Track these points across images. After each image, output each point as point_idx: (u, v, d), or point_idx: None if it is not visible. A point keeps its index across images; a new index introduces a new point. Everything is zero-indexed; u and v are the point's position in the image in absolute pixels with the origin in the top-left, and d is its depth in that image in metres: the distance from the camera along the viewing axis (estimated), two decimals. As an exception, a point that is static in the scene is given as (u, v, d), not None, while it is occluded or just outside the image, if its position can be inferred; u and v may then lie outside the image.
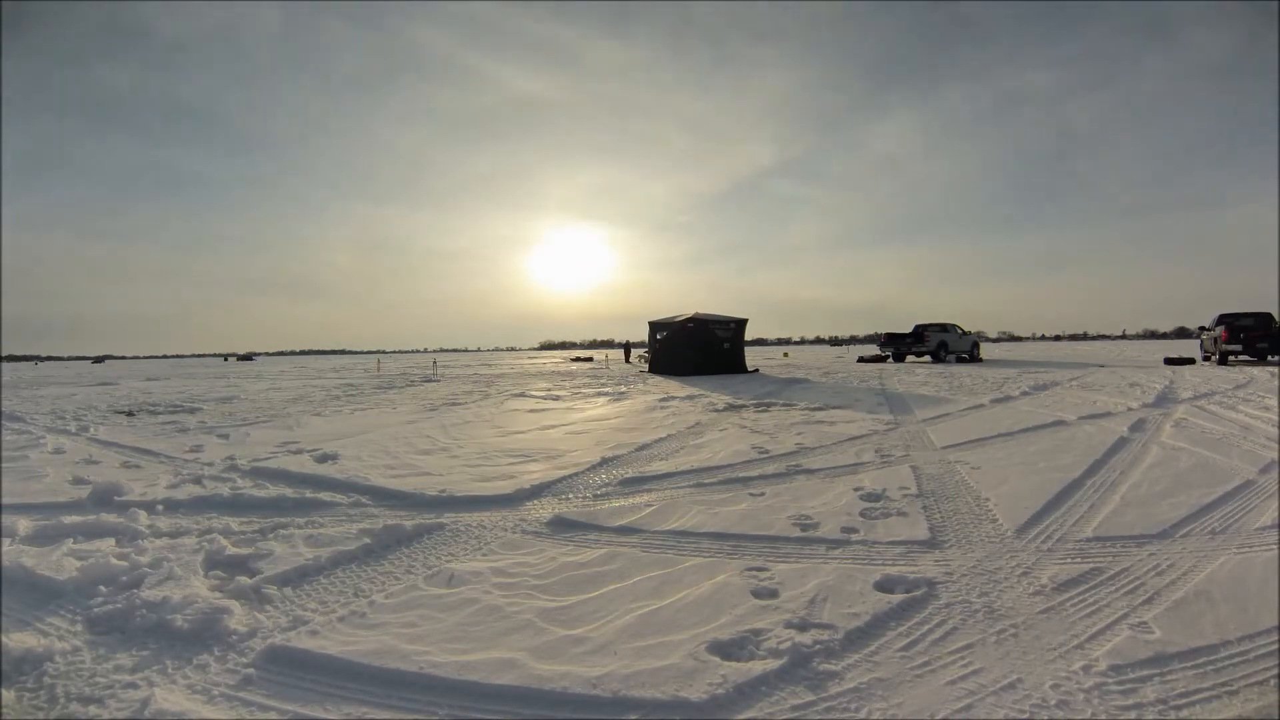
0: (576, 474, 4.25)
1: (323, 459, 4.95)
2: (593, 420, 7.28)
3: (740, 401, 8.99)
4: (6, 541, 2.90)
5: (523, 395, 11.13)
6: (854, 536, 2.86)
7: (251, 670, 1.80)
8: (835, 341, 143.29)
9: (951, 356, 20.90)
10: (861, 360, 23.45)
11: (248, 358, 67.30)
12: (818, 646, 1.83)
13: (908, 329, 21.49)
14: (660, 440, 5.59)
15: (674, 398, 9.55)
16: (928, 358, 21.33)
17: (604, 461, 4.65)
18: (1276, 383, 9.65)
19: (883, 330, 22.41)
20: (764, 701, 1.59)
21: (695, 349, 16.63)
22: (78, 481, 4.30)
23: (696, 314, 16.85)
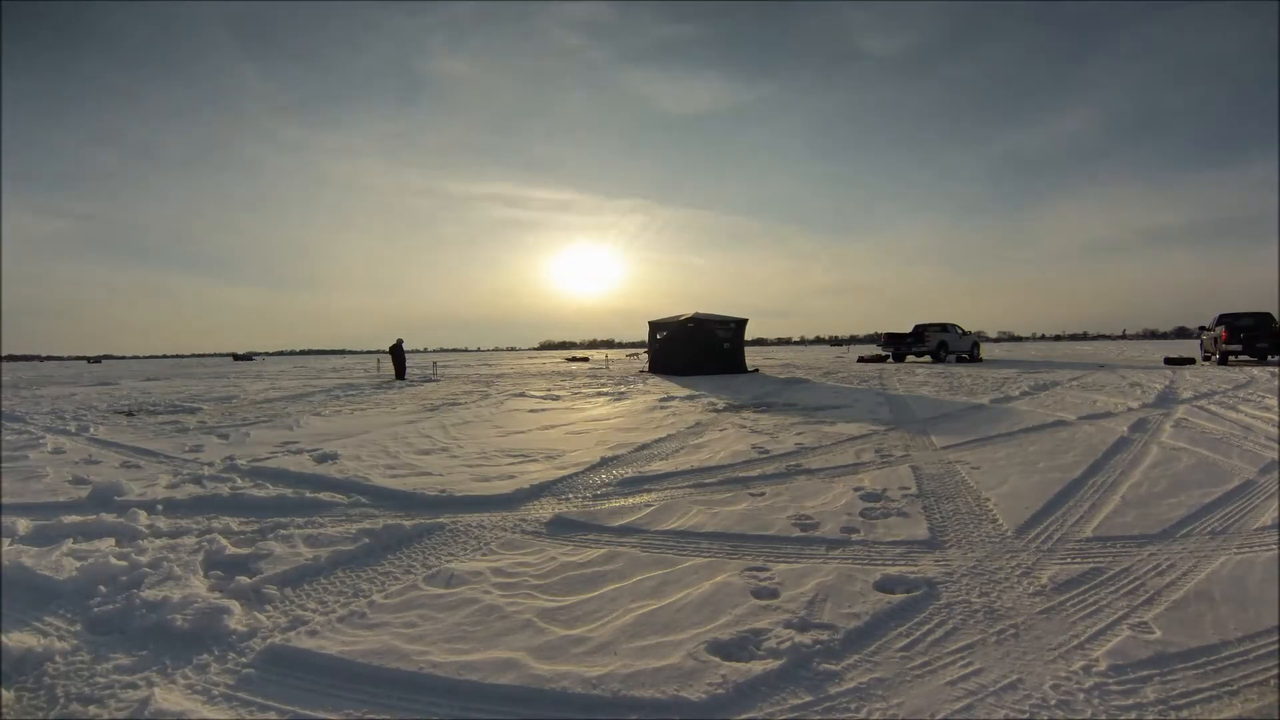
0: (576, 474, 4.25)
1: (322, 459, 4.95)
2: (593, 420, 7.28)
3: (740, 401, 8.99)
4: (6, 541, 2.89)
5: (523, 395, 11.12)
6: (854, 536, 2.85)
7: (251, 670, 1.80)
8: (836, 341, 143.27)
9: (951, 357, 20.90)
10: (861, 360, 23.45)
11: (246, 357, 67.19)
12: (818, 647, 1.83)
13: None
14: (660, 440, 5.59)
15: (674, 398, 9.55)
16: (928, 358, 21.33)
17: (604, 461, 4.65)
18: (1276, 383, 9.65)
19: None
20: (764, 702, 1.59)
21: (695, 349, 16.63)
22: (77, 481, 4.29)
23: (696, 314, 16.85)
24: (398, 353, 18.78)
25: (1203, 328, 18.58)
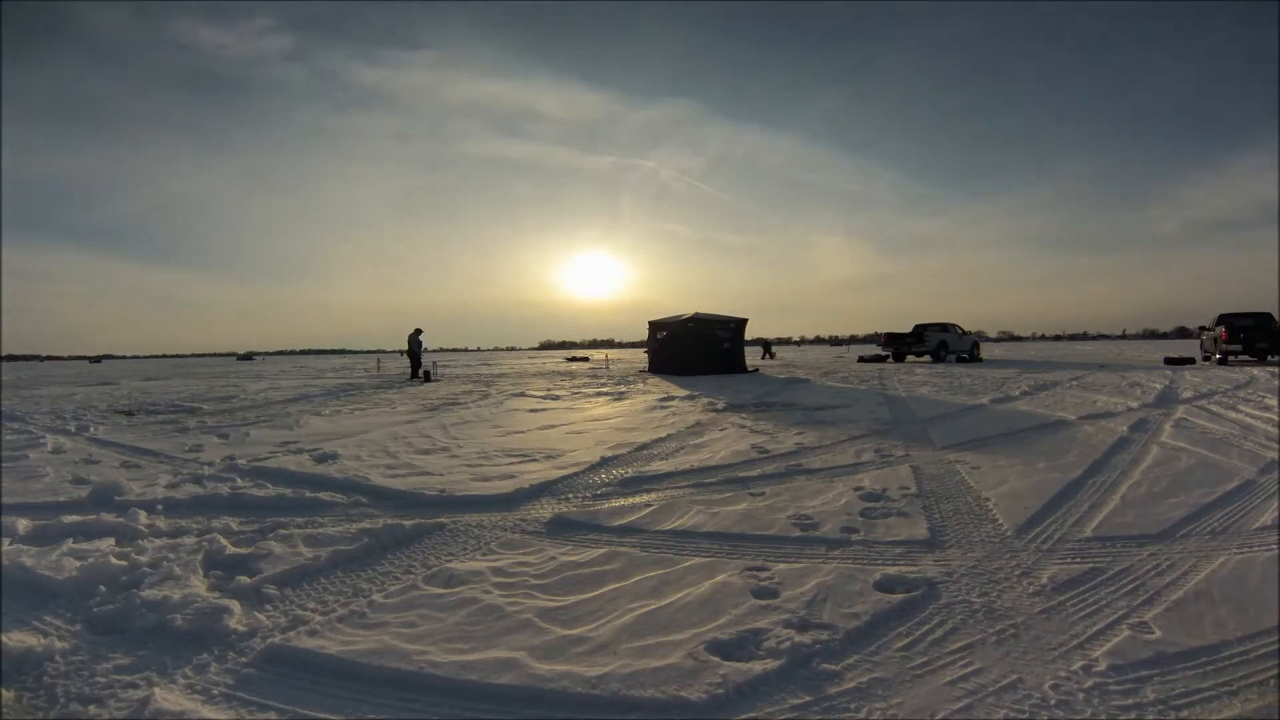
0: (576, 474, 4.25)
1: (322, 459, 4.95)
2: (593, 420, 7.28)
3: (740, 401, 8.98)
4: (6, 541, 2.89)
5: (523, 395, 11.12)
6: (854, 536, 2.85)
7: (251, 670, 1.80)
8: (835, 341, 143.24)
9: (951, 356, 20.89)
10: (861, 360, 23.46)
11: (247, 357, 67.16)
12: (818, 646, 1.83)
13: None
14: (660, 440, 5.59)
15: (674, 397, 9.55)
16: (928, 358, 21.33)
17: (604, 461, 4.65)
18: (1276, 383, 9.65)
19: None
20: (764, 702, 1.59)
21: (695, 349, 16.62)
22: (77, 481, 4.29)
23: (696, 314, 16.85)
24: (414, 346, 16.14)
25: (1203, 328, 18.58)
